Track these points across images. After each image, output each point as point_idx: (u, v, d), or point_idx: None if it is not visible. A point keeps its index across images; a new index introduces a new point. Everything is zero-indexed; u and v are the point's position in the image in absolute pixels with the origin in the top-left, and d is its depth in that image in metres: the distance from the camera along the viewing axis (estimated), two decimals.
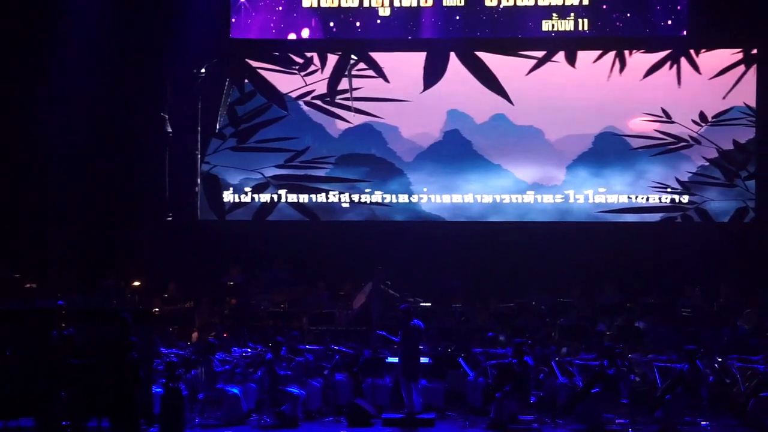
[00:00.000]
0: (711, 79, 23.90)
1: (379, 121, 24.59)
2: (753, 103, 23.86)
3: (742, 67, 23.88)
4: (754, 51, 23.85)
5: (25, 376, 17.45)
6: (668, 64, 24.01)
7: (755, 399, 17.91)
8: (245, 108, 24.81)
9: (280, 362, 18.54)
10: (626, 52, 24.09)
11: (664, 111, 24.03)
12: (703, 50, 23.92)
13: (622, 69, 24.15)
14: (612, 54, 24.14)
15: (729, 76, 23.88)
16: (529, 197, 24.33)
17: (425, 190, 24.54)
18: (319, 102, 24.68)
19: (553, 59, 24.25)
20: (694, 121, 24.01)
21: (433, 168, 24.53)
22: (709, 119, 23.99)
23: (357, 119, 24.60)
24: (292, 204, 24.63)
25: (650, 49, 23.98)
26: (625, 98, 24.06)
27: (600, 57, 24.21)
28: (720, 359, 19.21)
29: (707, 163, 24.05)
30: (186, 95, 24.42)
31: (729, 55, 23.92)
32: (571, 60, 24.21)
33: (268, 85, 24.76)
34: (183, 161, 24.54)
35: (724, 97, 23.83)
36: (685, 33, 23.52)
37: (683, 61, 23.95)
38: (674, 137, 24.06)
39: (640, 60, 24.11)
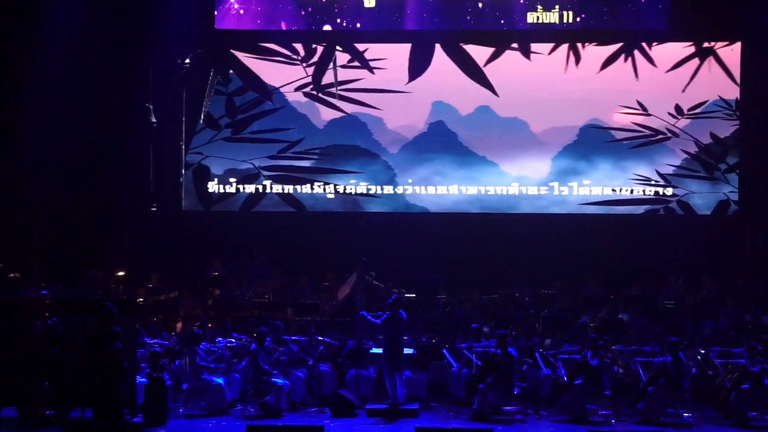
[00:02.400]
0: (667, 72, 24.05)
1: (365, 113, 24.59)
2: (727, 96, 23.94)
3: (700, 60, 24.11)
4: (705, 44, 23.94)
5: (8, 366, 17.43)
6: (626, 57, 24.13)
7: (737, 391, 17.98)
8: (243, 99, 24.77)
9: (264, 353, 18.53)
10: (579, 44, 24.16)
11: (639, 104, 24.11)
12: (687, 42, 24.00)
13: (577, 62, 24.21)
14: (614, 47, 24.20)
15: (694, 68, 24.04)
16: (513, 189, 24.37)
17: (410, 181, 24.56)
18: (303, 93, 24.65)
19: (536, 51, 24.29)
20: (670, 114, 24.09)
21: (418, 159, 24.55)
22: (685, 112, 24.08)
23: (339, 111, 24.57)
24: (278, 195, 24.62)
25: (628, 41, 24.05)
26: (609, 90, 24.12)
27: (553, 49, 24.22)
28: (702, 351, 19.28)
29: (687, 156, 24.14)
30: (170, 86, 24.38)
31: (681, 49, 24.03)
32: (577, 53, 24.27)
33: (253, 76, 24.73)
34: (167, 152, 24.51)
35: (683, 91, 24.05)
36: (666, 25, 23.65)
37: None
38: (653, 130, 24.15)
39: (599, 52, 24.23)
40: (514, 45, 24.29)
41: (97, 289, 21.77)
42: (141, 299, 21.35)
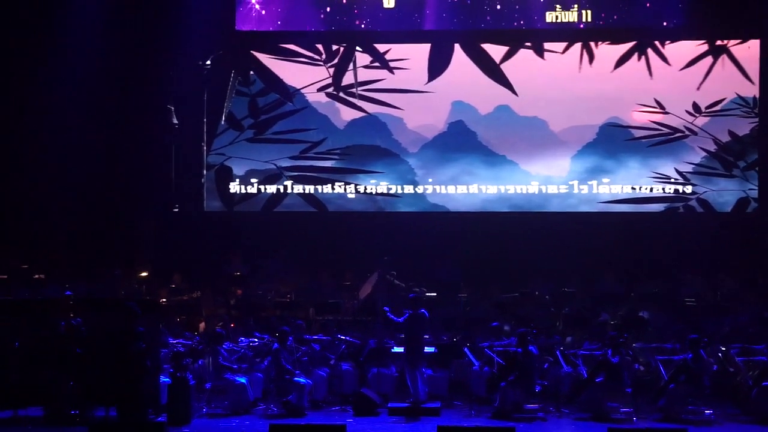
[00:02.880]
0: (681, 70, 24.08)
1: (384, 113, 24.68)
2: (744, 93, 23.94)
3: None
4: (719, 42, 23.94)
5: (34, 365, 17.59)
6: (639, 55, 24.16)
7: (758, 388, 17.98)
8: (266, 100, 24.89)
9: (286, 352, 18.63)
10: (592, 43, 24.18)
11: (657, 102, 24.14)
12: (700, 41, 24.00)
13: (591, 60, 24.26)
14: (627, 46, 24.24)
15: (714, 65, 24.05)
16: (533, 188, 24.43)
17: (430, 180, 24.64)
18: (326, 93, 24.75)
19: (553, 50, 24.35)
20: (688, 112, 24.12)
21: (438, 159, 24.63)
22: (703, 110, 24.09)
23: (360, 111, 24.67)
24: (300, 195, 24.73)
25: (672, 40, 24.05)
26: (628, 89, 24.15)
27: (566, 48, 24.28)
28: (723, 348, 19.29)
29: (706, 154, 24.15)
30: (191, 87, 24.52)
31: (694, 47, 24.05)
32: (591, 51, 24.30)
33: (273, 77, 24.84)
34: (189, 153, 24.65)
35: (698, 88, 24.05)
36: (683, 23, 23.69)
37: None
38: (671, 128, 24.18)
39: (614, 51, 24.29)
40: (528, 44, 24.31)
41: (120, 290, 21.94)
42: (164, 299, 21.48)
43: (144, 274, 23.06)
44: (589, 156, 24.36)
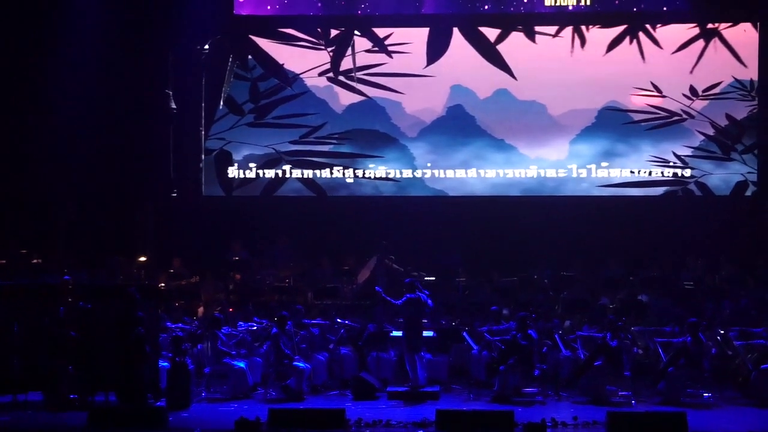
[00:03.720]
0: (673, 53, 24.04)
1: (383, 97, 24.66)
2: (741, 77, 23.94)
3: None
4: (710, 25, 23.92)
5: (33, 351, 17.61)
6: (631, 39, 24.14)
7: (757, 371, 18.01)
8: (267, 84, 24.86)
9: (285, 337, 18.65)
10: (583, 27, 24.16)
11: (654, 86, 24.11)
12: (719, 24, 23.97)
13: (582, 44, 24.22)
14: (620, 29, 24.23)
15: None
16: (532, 172, 24.42)
17: (429, 165, 24.62)
18: (327, 78, 24.72)
19: (553, 34, 24.30)
20: (685, 95, 24.09)
21: (437, 143, 24.61)
22: (700, 93, 24.07)
23: (360, 95, 24.65)
24: (299, 179, 24.72)
25: (663, 23, 24.01)
26: (626, 73, 24.11)
27: (557, 32, 24.24)
28: (722, 332, 19.30)
29: (704, 138, 24.14)
30: (190, 72, 24.49)
31: (685, 30, 24.02)
32: (582, 35, 24.27)
33: (272, 61, 24.80)
34: (188, 138, 24.63)
35: (691, 72, 24.00)
36: (683, 6, 23.67)
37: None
38: (669, 112, 24.15)
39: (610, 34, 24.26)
40: (520, 27, 24.26)
41: (119, 275, 21.94)
42: (163, 284, 21.48)
43: (143, 259, 23.05)
44: (588, 140, 24.34)
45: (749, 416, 17.29)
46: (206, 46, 24.50)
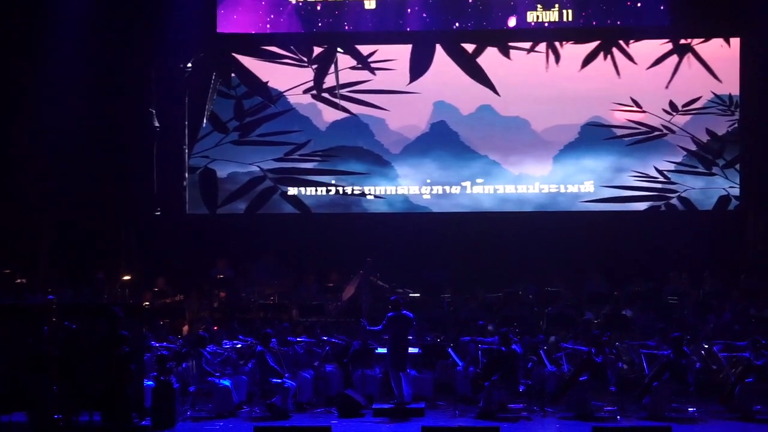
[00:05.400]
0: (648, 69, 24.17)
1: (367, 114, 24.69)
2: (720, 92, 24.04)
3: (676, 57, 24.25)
4: (683, 41, 24.06)
5: (17, 371, 17.53)
6: (605, 55, 24.26)
7: (741, 385, 18.05)
8: (252, 102, 24.88)
9: (270, 354, 18.62)
10: (557, 43, 24.25)
11: (634, 101, 24.22)
12: (692, 40, 24.10)
13: (557, 60, 24.33)
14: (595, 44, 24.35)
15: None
16: (515, 188, 24.45)
17: (412, 181, 24.65)
18: (312, 95, 24.75)
19: (537, 50, 24.39)
20: (665, 111, 24.20)
21: (421, 160, 24.64)
22: (680, 108, 24.18)
23: (344, 112, 24.68)
24: (283, 197, 24.73)
25: (636, 39, 24.14)
26: (609, 88, 24.20)
27: (532, 48, 24.36)
28: (706, 346, 19.36)
29: (686, 153, 24.24)
30: (173, 90, 24.48)
31: (659, 46, 24.15)
32: (555, 51, 24.37)
33: (255, 79, 24.82)
34: (171, 156, 24.61)
35: (666, 87, 24.14)
36: (665, 23, 23.76)
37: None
38: (649, 127, 24.26)
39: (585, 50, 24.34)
40: (499, 43, 24.35)
41: (103, 294, 21.89)
42: (147, 303, 21.44)
43: (127, 277, 23.00)
44: (571, 155, 24.41)
45: (734, 430, 17.40)
46: (189, 64, 24.50)
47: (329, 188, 24.74)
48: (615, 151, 24.32)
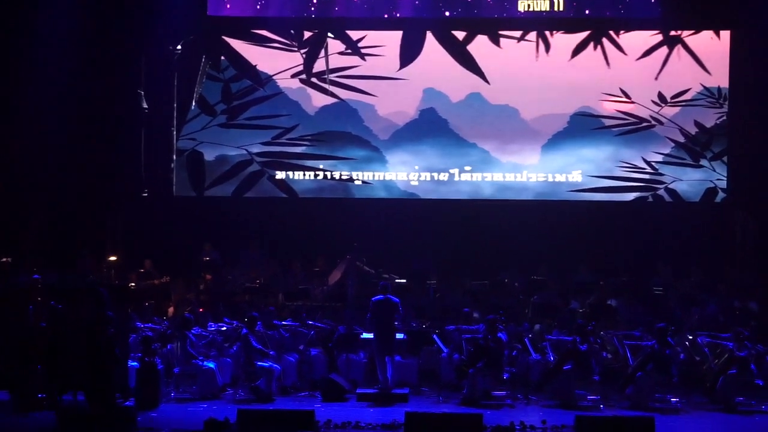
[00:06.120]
0: (638, 60, 24.18)
1: (356, 99, 24.66)
2: (709, 84, 24.08)
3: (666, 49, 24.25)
4: (673, 33, 24.08)
5: (1, 350, 17.51)
6: (595, 45, 24.28)
7: (724, 376, 18.12)
8: (240, 85, 24.81)
9: (254, 337, 18.64)
10: (547, 33, 24.25)
11: (623, 91, 24.24)
12: (683, 32, 24.11)
13: (547, 50, 24.32)
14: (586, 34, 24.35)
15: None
16: (503, 176, 24.46)
17: (401, 167, 24.64)
18: (300, 80, 24.71)
19: (528, 39, 24.38)
20: (654, 102, 24.22)
21: (409, 146, 24.63)
22: (669, 100, 24.21)
23: (333, 97, 24.66)
24: (271, 180, 24.70)
25: (626, 30, 24.15)
26: (598, 78, 24.21)
27: (522, 37, 24.35)
28: (690, 337, 19.42)
29: (674, 144, 24.27)
30: (162, 72, 24.42)
31: (649, 37, 24.18)
32: (546, 40, 24.37)
33: (245, 62, 24.77)
34: (159, 138, 24.56)
35: (656, 78, 24.13)
36: (657, 14, 23.78)
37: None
38: (638, 118, 24.28)
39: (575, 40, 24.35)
40: (495, 31, 24.33)
41: (89, 275, 21.85)
42: (133, 284, 21.42)
43: (113, 258, 22.95)
44: (560, 144, 24.42)
45: (716, 421, 17.46)
46: (179, 47, 24.43)
47: (317, 173, 24.72)
48: (604, 142, 24.34)
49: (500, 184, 24.49)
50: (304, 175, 24.73)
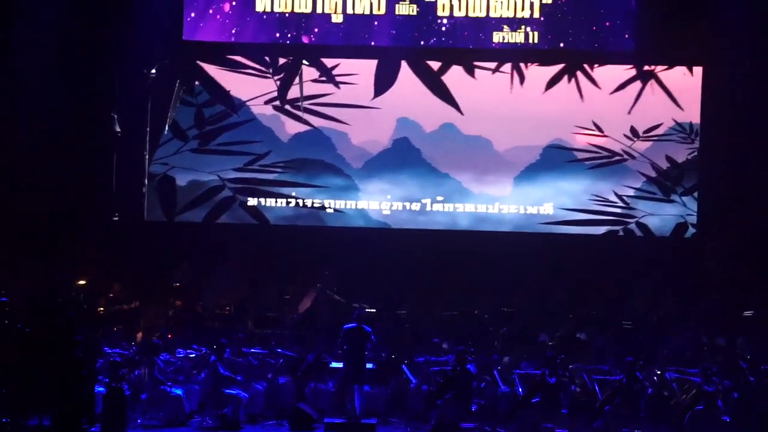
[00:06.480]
0: (612, 93, 24.28)
1: (329, 127, 24.66)
2: (681, 120, 24.22)
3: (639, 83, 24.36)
4: (647, 67, 24.24)
5: None
6: (567, 76, 24.38)
7: (691, 412, 18.17)
8: (213, 110, 24.78)
9: (222, 365, 18.56)
10: (522, 64, 24.37)
11: (595, 125, 24.37)
12: (658, 67, 24.26)
13: (522, 81, 24.44)
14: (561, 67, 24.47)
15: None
16: (475, 207, 24.50)
17: (374, 196, 24.64)
18: (273, 106, 24.71)
19: (502, 71, 24.47)
20: (626, 136, 24.35)
21: (382, 175, 24.64)
22: (641, 134, 24.35)
23: (306, 125, 24.66)
24: (242, 207, 24.65)
25: (600, 63, 24.29)
26: (571, 111, 24.32)
27: (497, 68, 24.50)
28: (659, 372, 19.46)
29: (645, 179, 24.39)
30: (136, 95, 24.35)
31: (623, 71, 24.31)
32: (520, 72, 24.47)
33: (219, 88, 24.74)
34: (131, 161, 24.47)
35: (629, 112, 24.21)
36: (631, 48, 23.91)
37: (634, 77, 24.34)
38: (610, 151, 24.38)
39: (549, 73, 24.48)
40: (469, 62, 24.43)
41: (59, 297, 21.69)
42: (102, 308, 21.31)
43: (82, 282, 22.82)
44: (532, 177, 24.49)
45: None
46: (153, 70, 24.36)
47: (289, 200, 24.68)
48: (576, 175, 24.42)
49: (472, 215, 24.50)
50: (276, 201, 24.69)
